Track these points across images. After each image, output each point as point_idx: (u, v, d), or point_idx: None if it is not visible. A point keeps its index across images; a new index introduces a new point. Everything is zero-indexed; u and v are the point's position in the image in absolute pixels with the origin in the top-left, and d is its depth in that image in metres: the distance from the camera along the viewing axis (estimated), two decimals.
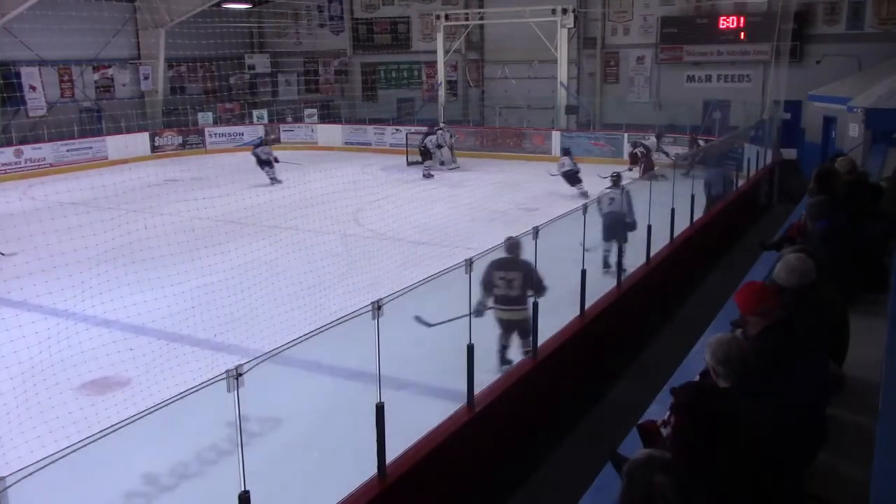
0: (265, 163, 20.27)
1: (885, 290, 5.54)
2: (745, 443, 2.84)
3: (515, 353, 7.42)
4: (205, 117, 27.91)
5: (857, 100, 17.04)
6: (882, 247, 6.32)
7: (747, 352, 3.37)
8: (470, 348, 5.98)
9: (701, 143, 20.17)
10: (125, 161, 23.72)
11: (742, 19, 23.84)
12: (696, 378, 3.82)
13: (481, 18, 27.09)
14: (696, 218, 12.03)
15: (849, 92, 18.18)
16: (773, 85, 21.22)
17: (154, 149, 25.89)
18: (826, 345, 4.08)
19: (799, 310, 4.05)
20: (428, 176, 21.46)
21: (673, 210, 10.82)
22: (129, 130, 25.35)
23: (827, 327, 4.26)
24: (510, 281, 7.36)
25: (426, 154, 21.87)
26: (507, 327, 7.53)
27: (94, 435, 3.26)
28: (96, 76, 26.62)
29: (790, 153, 21.26)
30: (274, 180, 19.90)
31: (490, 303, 7.40)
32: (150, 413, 3.49)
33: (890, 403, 3.65)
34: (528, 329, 7.17)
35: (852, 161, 8.16)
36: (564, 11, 23.82)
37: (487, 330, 6.59)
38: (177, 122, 27.15)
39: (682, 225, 11.35)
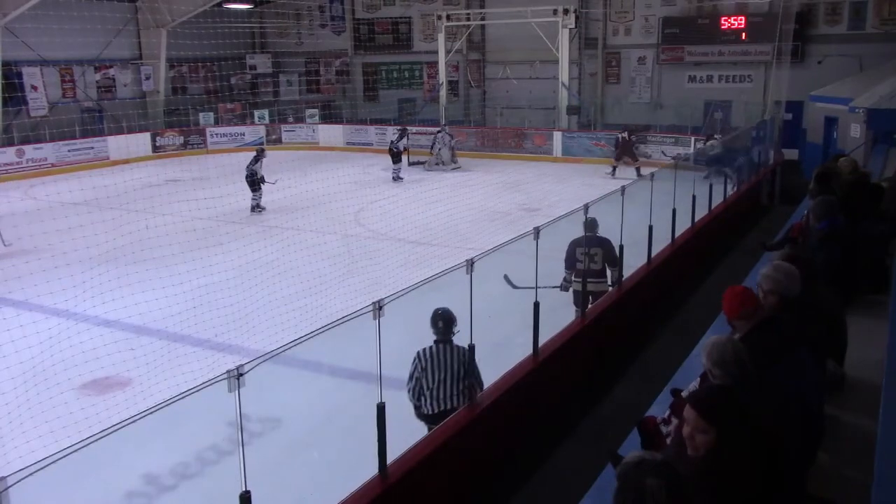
0: (257, 185, 17.27)
1: (886, 291, 5.53)
2: (758, 442, 2.85)
3: None
4: (206, 117, 27.92)
5: (858, 100, 17.02)
6: (883, 247, 6.31)
7: (743, 353, 3.37)
8: (471, 348, 5.98)
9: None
10: (126, 161, 23.76)
11: (743, 20, 23.83)
12: (697, 380, 3.81)
13: (482, 19, 27.10)
14: (697, 218, 12.04)
15: (850, 92, 18.17)
16: (775, 85, 21.21)
17: (155, 149, 25.91)
18: (822, 344, 4.08)
19: (788, 311, 4.05)
20: (397, 179, 21.12)
21: (674, 210, 10.83)
22: (130, 130, 25.37)
23: (822, 327, 4.26)
24: (592, 256, 8.23)
25: (396, 157, 21.50)
26: (587, 299, 8.17)
27: (94, 435, 3.25)
28: (98, 76, 26.64)
29: (792, 154, 21.25)
30: (257, 207, 17.20)
31: (573, 278, 8.27)
32: (150, 413, 3.49)
33: (891, 404, 3.64)
34: None
35: (854, 161, 8.17)
36: (566, 12, 23.81)
37: (487, 330, 6.59)
38: (178, 122, 27.17)
39: (682, 225, 11.35)
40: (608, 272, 8.48)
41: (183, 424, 5.60)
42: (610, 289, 8.60)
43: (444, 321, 5.67)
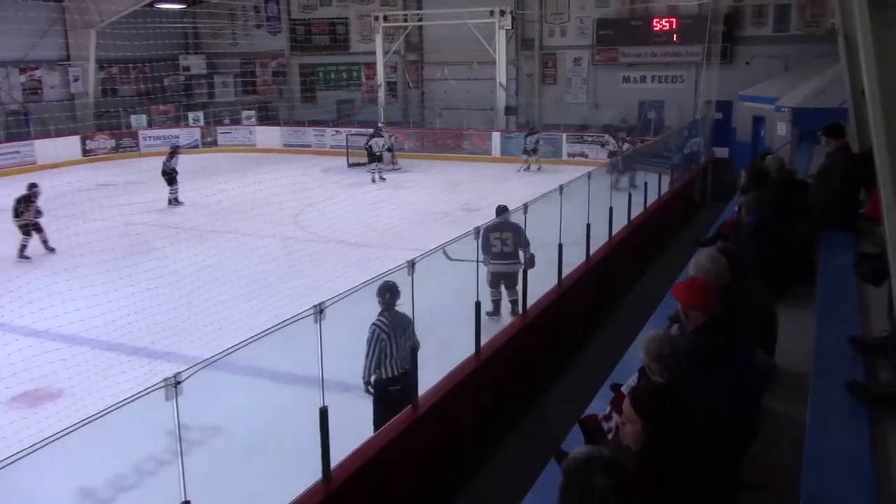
0: (173, 179, 18.06)
1: (812, 284, 5.74)
2: (692, 438, 2.91)
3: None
4: (138, 120, 27.23)
5: (784, 100, 17.61)
6: (809, 242, 6.55)
7: (679, 347, 3.45)
8: (413, 350, 6.00)
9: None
10: (55, 165, 22.90)
11: (674, 21, 24.39)
12: (635, 374, 3.88)
13: (420, 20, 27.11)
14: (633, 216, 12.29)
15: (776, 92, 18.78)
16: (705, 85, 21.80)
17: (85, 152, 25.14)
18: (757, 339, 4.21)
19: (732, 307, 4.14)
20: (377, 180, 20.93)
21: (611, 209, 11.03)
22: (58, 134, 24.55)
23: (759, 323, 4.39)
24: (504, 240, 9.01)
25: (373, 156, 21.38)
26: (499, 280, 9.17)
27: (25, 449, 3.16)
28: (23, 78, 25.70)
29: (722, 152, 21.85)
30: (175, 201, 17.87)
31: (490, 260, 8.96)
32: (84, 424, 3.40)
33: (819, 392, 3.79)
34: (515, 281, 8.93)
35: (781, 159, 8.43)
36: (502, 13, 24.02)
37: (429, 330, 6.61)
38: (109, 125, 26.38)
39: (619, 223, 11.57)
40: (520, 254, 8.99)
41: (119, 435, 5.45)
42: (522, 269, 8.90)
43: (390, 292, 6.22)
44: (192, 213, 16.80)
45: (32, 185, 13.64)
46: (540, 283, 8.74)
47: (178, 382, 3.67)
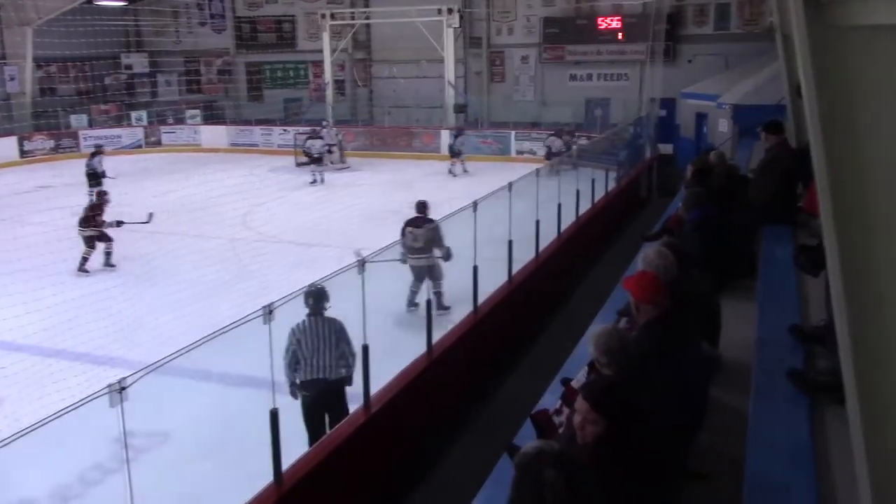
0: (97, 180, 17.43)
1: (754, 276, 5.89)
2: (643, 430, 2.96)
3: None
4: (78, 120, 26.47)
5: (725, 97, 18.02)
6: (750, 235, 6.72)
7: (628, 341, 3.51)
8: (365, 349, 5.97)
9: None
10: None
11: (619, 20, 24.75)
12: (585, 368, 3.93)
13: (367, 18, 26.98)
14: (581, 212, 12.44)
15: (718, 89, 19.21)
16: (649, 83, 22.20)
17: (23, 154, 24.36)
18: (702, 331, 4.30)
19: (679, 301, 4.21)
20: (319, 181, 20.53)
21: (560, 205, 11.14)
22: None
23: (704, 315, 4.49)
24: (417, 236, 9.23)
25: (312, 158, 20.93)
26: (419, 274, 9.23)
27: None
28: None
29: (667, 148, 22.29)
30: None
31: (406, 256, 9.17)
32: (25, 434, 3.30)
33: (761, 381, 3.90)
34: (438, 274, 9.28)
35: (723, 154, 8.62)
36: (450, 11, 24.03)
37: (380, 330, 6.60)
38: (47, 125, 25.59)
39: (568, 220, 11.70)
40: (435, 249, 9.22)
41: (63, 444, 5.31)
42: (440, 262, 9.28)
43: (313, 297, 6.05)
44: (135, 215, 16.40)
45: (102, 193, 13.19)
46: (490, 280, 8.77)
47: (123, 388, 3.59)
